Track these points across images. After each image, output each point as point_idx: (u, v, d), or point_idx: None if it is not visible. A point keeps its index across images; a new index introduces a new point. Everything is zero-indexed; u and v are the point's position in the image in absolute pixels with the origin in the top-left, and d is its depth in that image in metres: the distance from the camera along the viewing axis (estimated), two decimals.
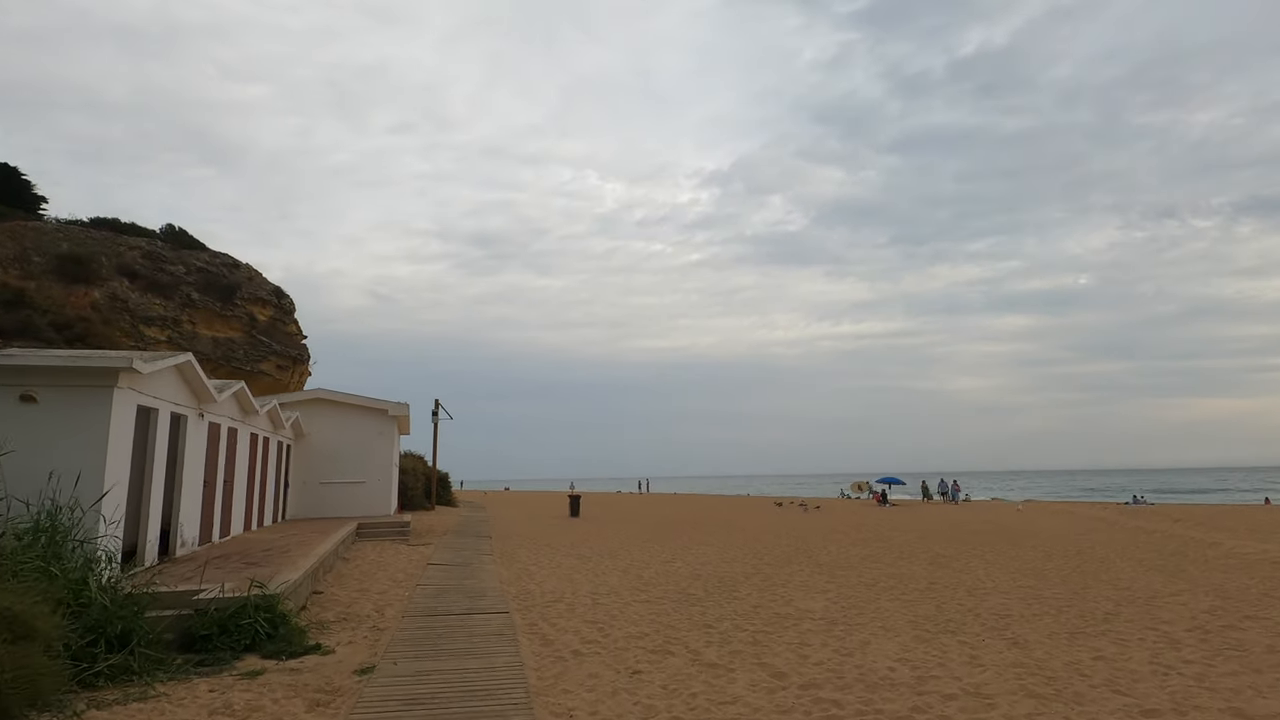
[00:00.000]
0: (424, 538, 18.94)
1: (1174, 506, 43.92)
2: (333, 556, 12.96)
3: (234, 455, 14.22)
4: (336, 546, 13.44)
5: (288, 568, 9.58)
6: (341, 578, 11.83)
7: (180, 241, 37.94)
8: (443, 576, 12.22)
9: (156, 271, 33.59)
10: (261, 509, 16.94)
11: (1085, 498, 62.39)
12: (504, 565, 14.34)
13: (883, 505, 42.92)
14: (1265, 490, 72.56)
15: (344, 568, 12.93)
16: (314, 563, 10.35)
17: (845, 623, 9.03)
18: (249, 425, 15.40)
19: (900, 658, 7.23)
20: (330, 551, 12.36)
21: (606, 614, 9.52)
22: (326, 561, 12.03)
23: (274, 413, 17.17)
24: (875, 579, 13.02)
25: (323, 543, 12.90)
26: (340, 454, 21.60)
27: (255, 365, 35.51)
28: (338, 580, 11.55)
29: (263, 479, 16.90)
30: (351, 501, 21.47)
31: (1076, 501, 52.61)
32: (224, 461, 13.47)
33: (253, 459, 15.80)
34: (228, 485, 13.84)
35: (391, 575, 12.31)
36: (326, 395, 22.00)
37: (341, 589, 10.76)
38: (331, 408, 21.85)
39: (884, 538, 21.25)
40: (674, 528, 25.04)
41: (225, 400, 13.23)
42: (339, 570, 12.57)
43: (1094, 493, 75.93)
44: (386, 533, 18.20)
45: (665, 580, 12.73)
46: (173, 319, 33.16)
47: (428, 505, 32.85)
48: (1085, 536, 21.60)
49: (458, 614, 8.97)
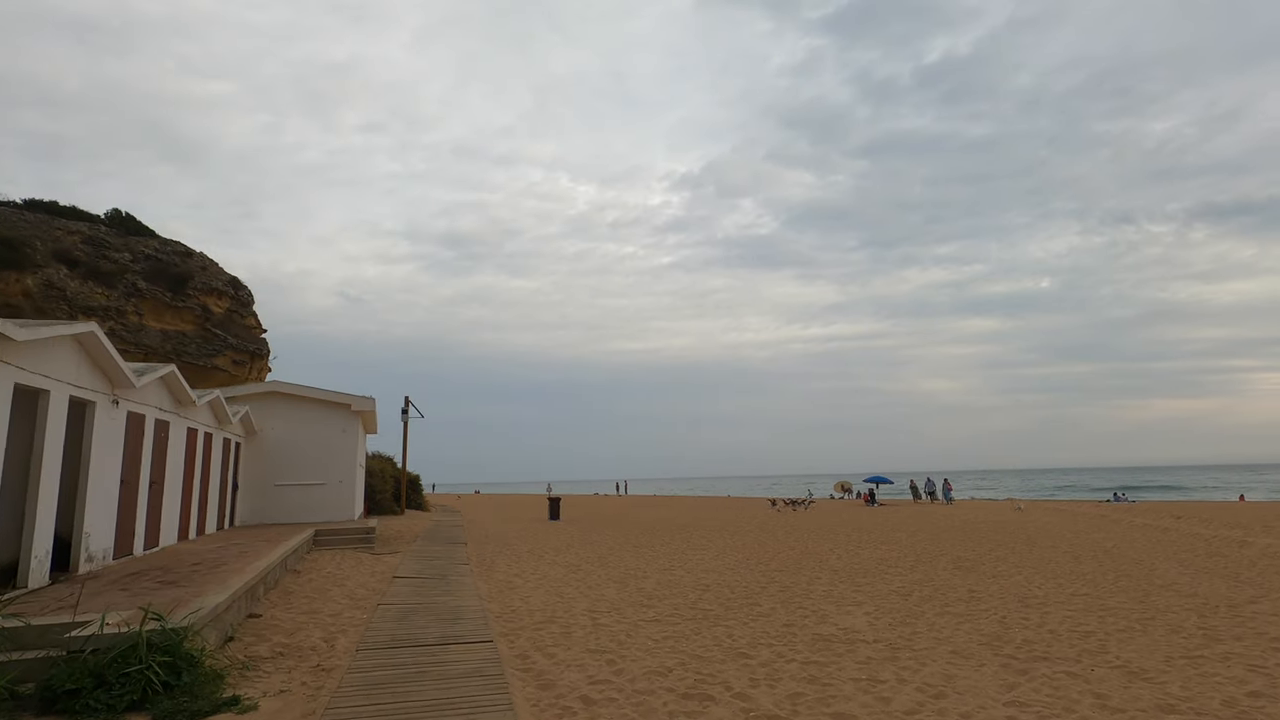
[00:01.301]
0: (391, 545, 16.95)
1: (1161, 503, 43.45)
2: (280, 569, 11.00)
3: (164, 452, 12.16)
4: (285, 557, 11.47)
5: (214, 587, 7.66)
6: (288, 595, 9.88)
7: (127, 227, 35.22)
8: (411, 592, 10.34)
9: (99, 258, 30.98)
10: (202, 515, 14.83)
11: (1059, 496, 62.08)
12: (483, 577, 12.48)
13: (871, 505, 41.69)
14: (1220, 487, 73.39)
15: (293, 582, 10.97)
16: (251, 579, 8.43)
17: (906, 647, 7.40)
18: (185, 418, 13.31)
19: (1010, 700, 5.58)
20: (275, 564, 10.41)
21: (612, 639, 7.76)
22: (271, 576, 10.08)
23: (217, 405, 15.06)
24: (906, 588, 11.45)
25: (268, 554, 10.93)
26: (298, 453, 19.47)
27: (209, 360, 33.02)
28: (283, 599, 9.61)
29: (204, 480, 14.79)
30: (310, 505, 19.36)
31: (1067, 500, 52.11)
32: (150, 459, 11.42)
33: (190, 457, 13.71)
34: (155, 487, 11.78)
35: (349, 591, 10.39)
36: (282, 388, 19.86)
37: (286, 610, 8.84)
38: (288, 402, 19.70)
39: (890, 540, 19.77)
40: (663, 531, 23.32)
41: (149, 386, 11.19)
42: (286, 586, 10.61)
43: (1065, 490, 75.99)
44: (348, 540, 16.18)
45: (670, 592, 11.00)
46: (116, 309, 30.60)
47: (397, 509, 30.70)
48: (1101, 535, 20.37)
49: (429, 645, 7.14)
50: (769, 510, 37.13)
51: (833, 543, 18.98)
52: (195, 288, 34.38)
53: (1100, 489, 79.01)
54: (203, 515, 14.85)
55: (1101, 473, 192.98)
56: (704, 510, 38.19)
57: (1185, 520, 26.75)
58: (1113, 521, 26.24)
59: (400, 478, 31.93)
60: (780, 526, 25.14)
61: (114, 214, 35.94)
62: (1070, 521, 26.53)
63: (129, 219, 36.13)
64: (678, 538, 20.75)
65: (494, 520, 29.52)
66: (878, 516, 30.70)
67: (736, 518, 31.02)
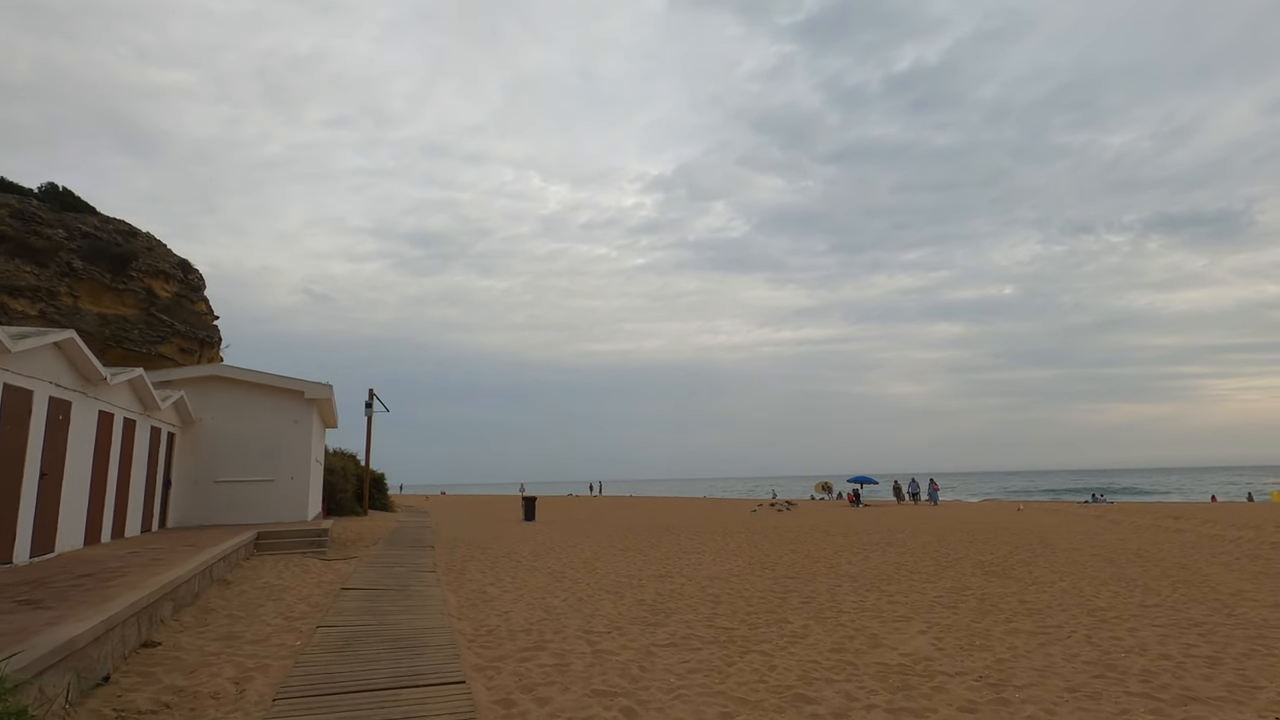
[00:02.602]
0: (347, 549, 14.92)
1: (1144, 504, 42.97)
2: (202, 581, 8.99)
3: (62, 438, 10.04)
4: (210, 566, 9.45)
5: (88, 610, 5.70)
6: (207, 615, 7.90)
7: (64, 203, 32.36)
8: (362, 609, 8.42)
9: (28, 234, 28.20)
10: (120, 515, 12.66)
11: (1029, 498, 61.72)
12: (452, 587, 10.58)
13: (856, 506, 40.45)
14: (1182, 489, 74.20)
15: (218, 597, 8.97)
16: (143, 598, 6.46)
17: (1005, 683, 5.73)
18: (96, 400, 11.18)
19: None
20: (191, 575, 8.41)
21: (623, 673, 5.97)
22: (184, 590, 8.09)
23: (139, 386, 12.90)
24: (947, 598, 9.86)
25: (182, 562, 8.91)
26: (243, 446, 17.28)
27: (153, 348, 30.42)
28: (199, 619, 7.63)
29: (122, 474, 12.63)
30: (257, 504, 17.19)
31: (1050, 501, 51.62)
32: (41, 447, 9.31)
33: (103, 447, 11.57)
34: (50, 481, 9.67)
35: (286, 608, 8.43)
36: (226, 372, 17.63)
37: (198, 635, 6.88)
38: (232, 388, 17.49)
39: (894, 542, 18.28)
40: (647, 533, 21.56)
41: (35, 355, 9.08)
42: (208, 602, 8.61)
43: (1031, 494, 75.86)
44: (296, 543, 14.12)
45: (677, 605, 9.25)
46: (48, 290, 27.88)
47: (359, 510, 28.46)
48: (1114, 537, 19.13)
49: (377, 687, 5.27)
50: (750, 512, 35.59)
51: (833, 546, 17.41)
52: (139, 269, 31.73)
53: (1063, 490, 79.34)
54: (121, 516, 12.68)
55: (1062, 475, 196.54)
56: (684, 511, 36.52)
57: (1186, 520, 25.83)
58: (1112, 523, 25.21)
59: (363, 476, 29.68)
60: (770, 528, 23.55)
61: (49, 188, 33.04)
62: (1072, 522, 25.42)
63: (66, 194, 33.25)
64: (665, 540, 19.01)
65: (465, 522, 27.46)
66: (867, 518, 29.33)
67: (720, 519, 29.38)
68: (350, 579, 10.71)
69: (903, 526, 23.67)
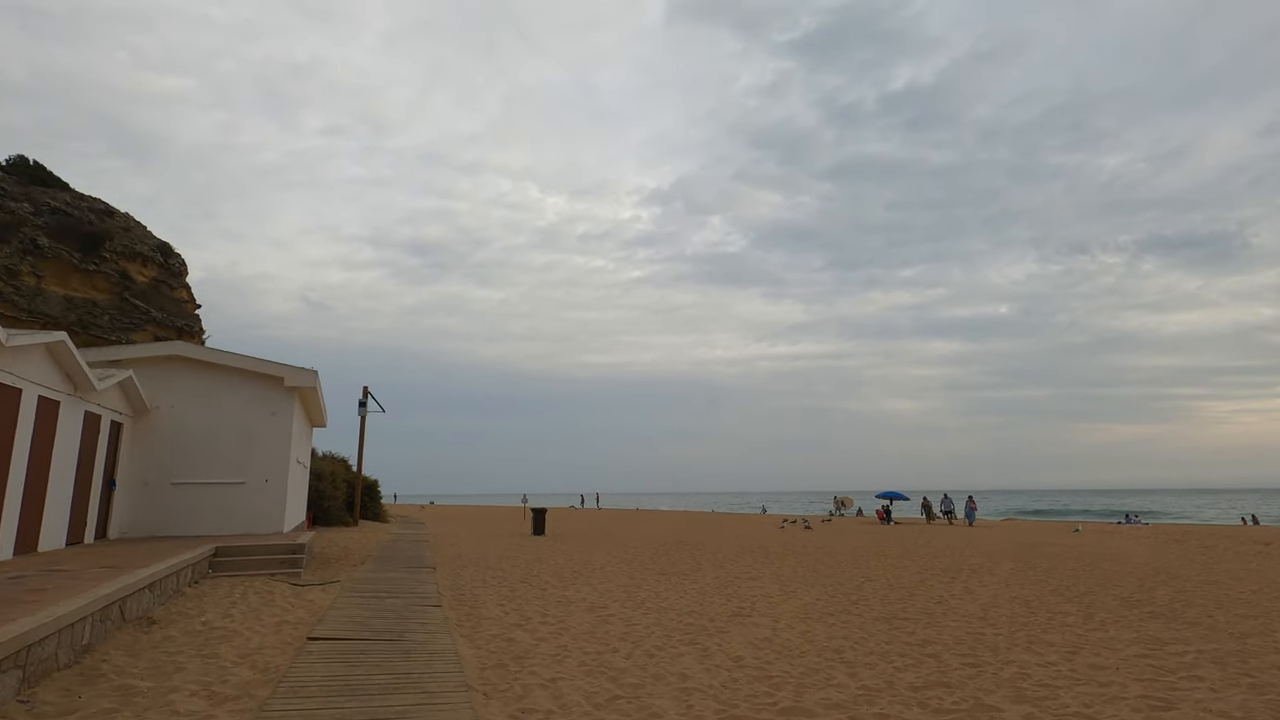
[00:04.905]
0: (327, 570, 12.04)
1: (1190, 527, 40.20)
2: (110, 622, 6.13)
3: None
4: (124, 598, 6.60)
5: None
6: (92, 681, 5.05)
7: (33, 176, 29.64)
8: (333, 678, 5.57)
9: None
10: (34, 523, 9.77)
11: (1028, 518, 58.80)
12: (466, 632, 7.69)
13: (886, 523, 37.58)
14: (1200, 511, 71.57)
15: (129, 647, 6.10)
16: None
17: None
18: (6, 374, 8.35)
19: None
20: (81, 616, 5.56)
21: None
22: (66, 642, 5.24)
23: (62, 355, 10.05)
24: (1165, 663, 7.03)
25: (71, 596, 6.05)
26: (208, 441, 14.40)
27: (125, 335, 27.52)
28: (76, 688, 4.79)
29: (36, 471, 9.75)
30: (223, 513, 14.28)
31: (1101, 522, 48.83)
32: None
33: (6, 436, 8.72)
34: None
35: (219, 672, 5.58)
36: (189, 351, 14.76)
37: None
38: (196, 370, 14.63)
39: (976, 569, 15.42)
40: (675, 551, 18.68)
41: None
42: (108, 655, 5.75)
43: (1046, 514, 72.86)
44: (264, 562, 11.23)
45: (792, 668, 6.39)
46: (9, 268, 25.04)
47: (349, 520, 25.54)
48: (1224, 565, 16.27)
49: None
50: (776, 529, 32.69)
51: (906, 571, 14.55)
52: (114, 250, 28.92)
53: (1068, 512, 76.53)
54: (34, 524, 9.79)
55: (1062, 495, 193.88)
56: (698, 526, 33.59)
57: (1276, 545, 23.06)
58: (1180, 544, 22.49)
59: (355, 482, 26.77)
60: (814, 547, 20.67)
61: (18, 160, 30.34)
62: (1144, 546, 22.58)
63: (37, 167, 30.54)
64: (700, 560, 16.14)
65: (466, 535, 24.50)
66: (909, 536, 26.46)
67: (746, 535, 26.49)
68: (325, 619, 7.81)
69: (959, 548, 20.82)
